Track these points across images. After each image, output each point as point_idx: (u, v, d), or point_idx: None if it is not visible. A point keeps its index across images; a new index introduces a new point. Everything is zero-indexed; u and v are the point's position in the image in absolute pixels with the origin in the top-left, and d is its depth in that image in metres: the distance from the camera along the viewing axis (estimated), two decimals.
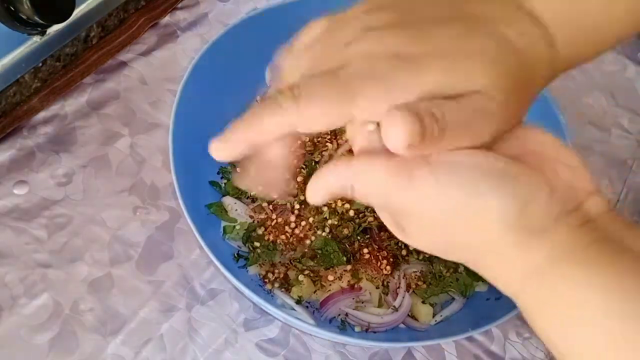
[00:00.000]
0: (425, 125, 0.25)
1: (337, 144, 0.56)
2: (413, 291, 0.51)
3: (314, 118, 0.26)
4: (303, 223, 0.52)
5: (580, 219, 0.26)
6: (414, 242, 0.29)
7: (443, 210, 0.26)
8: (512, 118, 0.28)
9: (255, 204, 0.54)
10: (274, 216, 0.53)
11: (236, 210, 0.52)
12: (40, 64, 0.55)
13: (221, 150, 0.29)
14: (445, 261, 0.52)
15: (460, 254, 0.29)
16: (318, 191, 0.29)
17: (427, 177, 0.26)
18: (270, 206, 0.53)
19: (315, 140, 0.56)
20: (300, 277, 0.50)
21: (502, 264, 0.27)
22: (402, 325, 0.50)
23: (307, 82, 0.27)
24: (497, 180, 0.26)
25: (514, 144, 0.28)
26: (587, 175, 0.28)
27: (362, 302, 0.50)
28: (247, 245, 0.52)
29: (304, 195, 0.53)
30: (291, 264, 0.51)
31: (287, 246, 0.52)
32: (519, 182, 0.26)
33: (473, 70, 0.26)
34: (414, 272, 0.52)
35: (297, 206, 0.53)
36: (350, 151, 0.29)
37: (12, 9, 0.46)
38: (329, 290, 0.50)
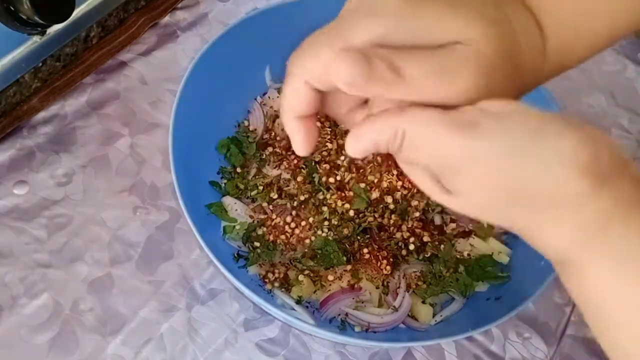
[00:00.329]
0: (374, 67, 0.24)
1: (338, 144, 0.56)
2: (413, 291, 0.51)
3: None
4: (303, 223, 0.52)
5: (638, 171, 0.26)
6: (465, 202, 0.27)
7: (511, 158, 0.24)
8: (501, 84, 0.28)
9: (255, 204, 0.54)
10: (274, 216, 0.53)
11: (236, 210, 0.52)
12: (40, 64, 0.55)
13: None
14: (445, 261, 0.52)
15: (517, 211, 0.26)
16: (361, 138, 0.27)
17: (494, 124, 0.24)
18: (270, 206, 0.53)
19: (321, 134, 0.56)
20: (300, 277, 0.50)
21: (561, 215, 0.26)
22: (402, 325, 0.50)
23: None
24: (567, 124, 0.25)
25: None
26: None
27: (362, 302, 0.50)
28: (247, 245, 0.52)
29: (303, 195, 0.53)
30: (291, 264, 0.51)
31: (287, 246, 0.52)
32: (585, 128, 0.25)
33: (457, 20, 0.26)
34: (414, 272, 0.52)
35: (296, 206, 0.53)
36: None
37: (12, 9, 0.46)
38: (329, 290, 0.50)
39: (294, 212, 0.53)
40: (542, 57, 0.31)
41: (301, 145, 0.30)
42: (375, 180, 0.53)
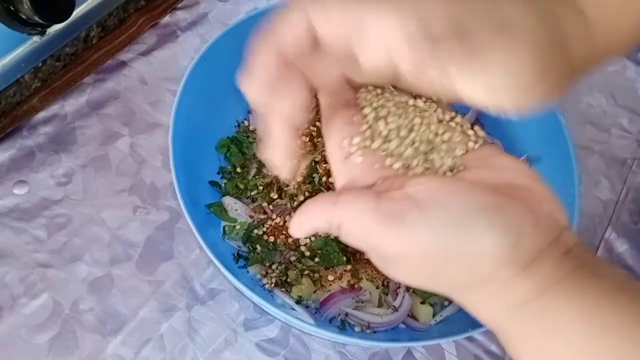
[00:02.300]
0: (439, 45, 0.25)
1: None
2: (413, 291, 0.51)
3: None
4: None
5: (562, 248, 0.27)
6: (399, 279, 0.29)
7: (434, 252, 0.26)
8: (548, 70, 0.27)
9: (255, 204, 0.54)
10: (273, 216, 0.53)
11: (236, 210, 0.52)
12: (40, 64, 0.55)
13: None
14: None
15: (445, 289, 0.29)
16: (301, 226, 0.29)
17: (419, 220, 0.25)
18: (270, 206, 0.53)
19: (315, 140, 0.56)
20: (300, 277, 0.50)
21: (488, 297, 0.27)
22: (402, 325, 0.50)
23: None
24: (489, 217, 0.25)
25: (489, 174, 0.28)
26: (561, 206, 0.28)
27: (362, 302, 0.50)
28: (247, 245, 0.52)
29: (303, 195, 0.53)
30: (291, 264, 0.51)
31: (287, 246, 0.52)
32: (509, 216, 0.26)
33: (513, 5, 0.26)
34: None
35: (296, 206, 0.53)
36: None
37: (12, 9, 0.46)
38: (329, 290, 0.50)
39: (293, 212, 0.53)
40: (587, 42, 0.31)
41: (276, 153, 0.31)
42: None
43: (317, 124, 0.57)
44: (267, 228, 0.52)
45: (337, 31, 0.26)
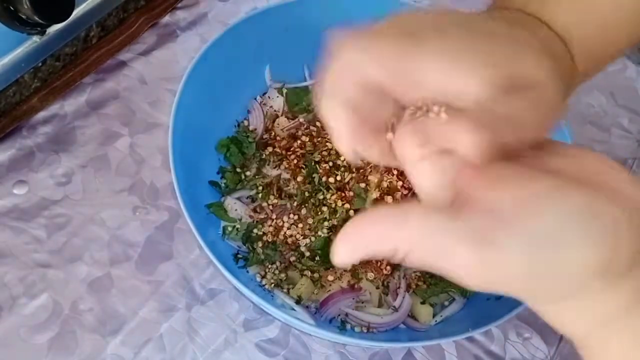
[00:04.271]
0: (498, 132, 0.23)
1: None
2: (413, 291, 0.51)
3: None
4: (303, 223, 0.52)
5: None
6: (471, 287, 0.25)
7: (525, 274, 0.23)
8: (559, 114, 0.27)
9: (255, 204, 0.54)
10: (274, 216, 0.53)
11: (236, 210, 0.52)
12: (40, 64, 0.55)
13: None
14: None
15: (529, 302, 0.26)
16: (352, 252, 0.24)
17: (509, 242, 0.22)
18: (270, 206, 0.53)
19: (315, 140, 0.56)
20: (300, 277, 0.50)
21: (575, 310, 0.25)
22: (402, 326, 0.50)
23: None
24: (586, 224, 0.22)
25: (571, 163, 0.25)
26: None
27: (362, 302, 0.50)
28: (247, 245, 0.52)
29: (303, 195, 0.53)
30: (291, 264, 0.51)
31: (287, 246, 0.52)
32: (604, 218, 0.22)
33: (527, 58, 0.25)
34: (414, 272, 0.52)
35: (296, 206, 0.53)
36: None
37: (12, 8, 0.46)
38: (329, 290, 0.50)
39: (293, 212, 0.53)
40: (572, 69, 0.31)
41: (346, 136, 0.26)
42: (376, 180, 0.53)
43: (318, 123, 0.57)
44: (267, 228, 0.52)
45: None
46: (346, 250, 0.24)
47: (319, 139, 0.56)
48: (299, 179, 0.54)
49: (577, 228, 0.22)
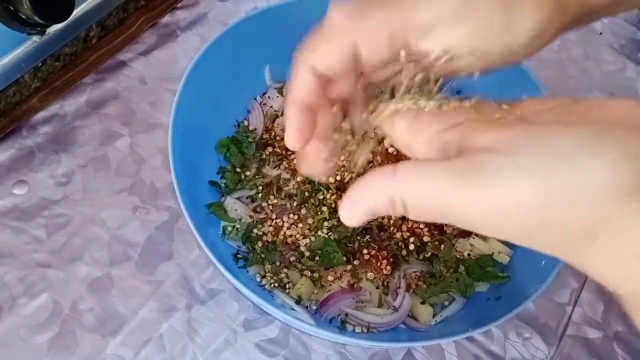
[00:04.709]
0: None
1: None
2: (413, 291, 0.51)
3: None
4: (303, 223, 0.52)
5: None
6: (495, 237, 0.24)
7: (530, 200, 0.20)
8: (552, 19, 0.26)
9: (255, 204, 0.54)
10: (273, 216, 0.53)
11: (236, 210, 0.52)
12: (40, 64, 0.55)
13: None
14: (446, 261, 0.52)
15: (556, 247, 0.22)
16: (355, 209, 0.24)
17: (505, 166, 0.20)
18: (270, 206, 0.53)
19: None
20: (300, 277, 0.50)
21: (612, 246, 0.21)
22: (402, 326, 0.50)
23: None
24: (597, 143, 0.20)
25: (597, 112, 0.22)
26: None
27: (362, 302, 0.50)
28: (247, 245, 0.52)
29: (302, 194, 0.53)
30: (291, 264, 0.51)
31: (287, 246, 0.52)
32: (620, 138, 0.20)
33: None
34: (414, 272, 0.52)
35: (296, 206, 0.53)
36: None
37: (12, 8, 0.46)
38: (329, 290, 0.50)
39: (293, 212, 0.53)
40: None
41: (292, 136, 0.29)
42: None
43: None
44: (267, 228, 0.52)
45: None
46: (350, 209, 0.25)
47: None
48: (299, 178, 0.54)
49: (589, 145, 0.20)
